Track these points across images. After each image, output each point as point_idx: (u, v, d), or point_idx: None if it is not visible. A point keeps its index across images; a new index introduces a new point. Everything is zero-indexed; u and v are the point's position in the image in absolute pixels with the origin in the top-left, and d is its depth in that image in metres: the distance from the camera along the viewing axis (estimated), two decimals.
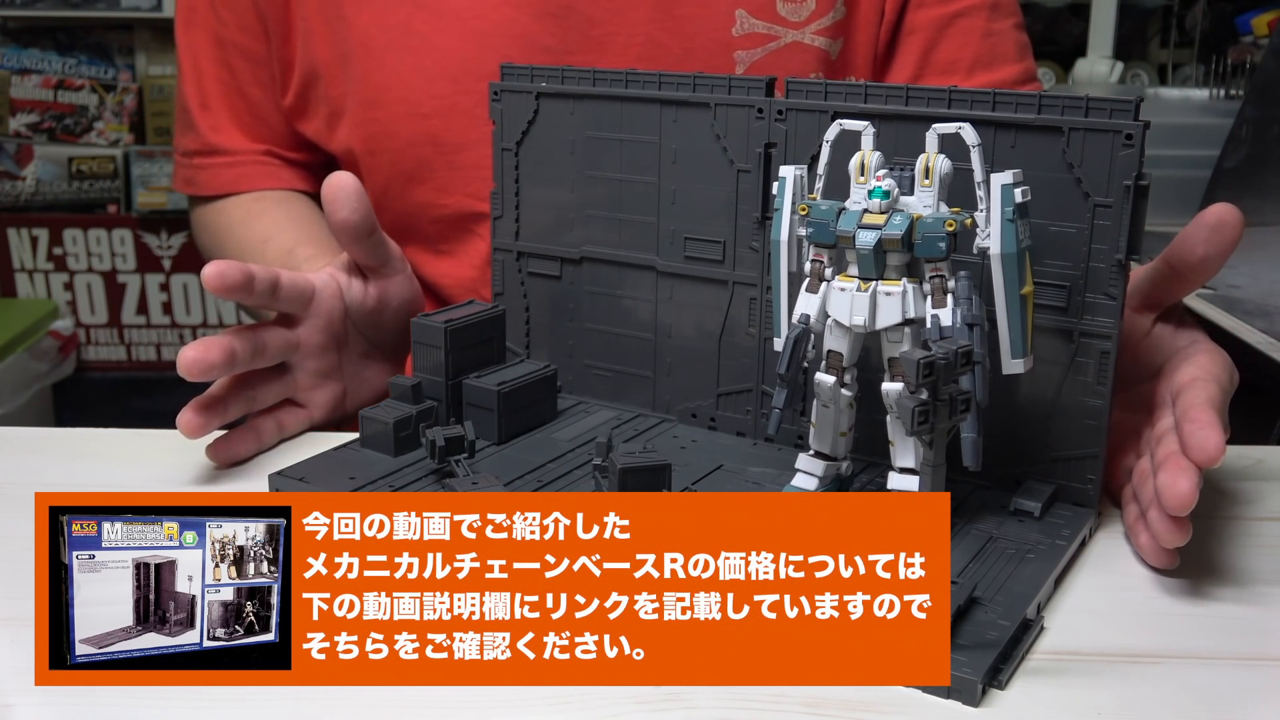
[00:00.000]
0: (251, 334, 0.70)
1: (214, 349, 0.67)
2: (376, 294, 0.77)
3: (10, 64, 2.48)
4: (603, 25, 0.89)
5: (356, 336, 0.78)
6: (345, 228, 0.72)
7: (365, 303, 0.77)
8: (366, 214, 0.72)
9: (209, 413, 0.68)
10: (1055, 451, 0.63)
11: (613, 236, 0.74)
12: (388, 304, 0.78)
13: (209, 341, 0.67)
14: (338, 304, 0.75)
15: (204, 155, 0.99)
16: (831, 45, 0.92)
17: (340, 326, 0.76)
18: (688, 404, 0.74)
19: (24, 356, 2.29)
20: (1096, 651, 0.52)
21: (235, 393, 0.70)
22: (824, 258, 0.59)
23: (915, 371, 0.52)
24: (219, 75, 0.98)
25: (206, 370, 0.66)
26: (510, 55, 0.87)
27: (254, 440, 0.72)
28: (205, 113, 0.98)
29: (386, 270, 0.77)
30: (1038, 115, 0.60)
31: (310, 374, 0.75)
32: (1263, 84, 1.53)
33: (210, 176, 0.99)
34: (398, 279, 0.78)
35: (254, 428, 0.72)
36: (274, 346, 0.71)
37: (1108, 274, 0.60)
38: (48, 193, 2.51)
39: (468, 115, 0.89)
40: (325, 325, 0.75)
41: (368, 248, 0.74)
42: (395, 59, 0.90)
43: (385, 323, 0.79)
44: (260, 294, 0.69)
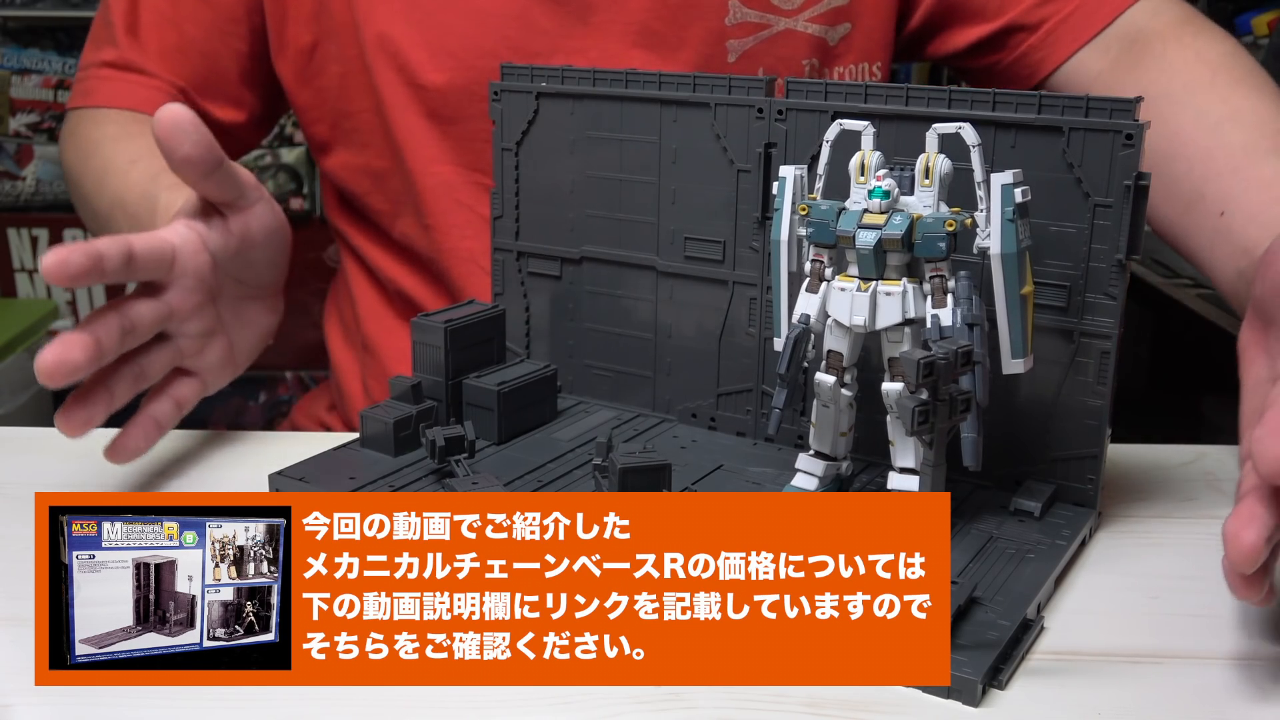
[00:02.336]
0: (115, 316, 0.63)
1: (74, 347, 0.60)
2: (239, 230, 0.70)
3: (10, 64, 2.48)
4: (601, 12, 0.89)
5: (229, 282, 0.71)
6: (189, 163, 0.64)
7: (229, 244, 0.69)
8: (209, 146, 0.64)
9: (90, 403, 0.62)
10: (1055, 451, 0.63)
11: (613, 236, 0.74)
12: (253, 238, 0.71)
13: (68, 339, 0.60)
14: (203, 257, 0.68)
15: (115, 68, 0.94)
16: (827, 32, 0.92)
17: (211, 279, 0.69)
18: (688, 404, 0.74)
19: (24, 356, 2.28)
20: (1096, 651, 0.52)
21: (117, 372, 0.64)
22: (824, 258, 0.59)
23: (915, 371, 0.52)
24: (156, 4, 0.93)
25: (72, 373, 0.60)
26: (510, 35, 0.88)
27: (154, 428, 0.67)
28: (131, 38, 0.93)
29: (243, 202, 0.69)
30: (1038, 115, 0.60)
31: (193, 337, 0.69)
32: None
33: (112, 89, 0.93)
34: (258, 207, 0.71)
35: (149, 415, 0.67)
36: (145, 322, 0.65)
37: (1108, 274, 0.60)
38: (48, 193, 2.51)
39: (465, 91, 0.89)
40: (196, 284, 0.68)
41: (218, 181, 0.67)
42: (400, 30, 0.90)
43: (256, 258, 0.72)
44: (114, 272, 0.61)
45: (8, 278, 2.51)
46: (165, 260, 0.66)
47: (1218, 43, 0.83)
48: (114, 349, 0.62)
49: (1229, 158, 0.74)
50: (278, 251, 0.74)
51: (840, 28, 0.92)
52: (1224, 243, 0.72)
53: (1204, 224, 0.74)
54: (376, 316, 1.00)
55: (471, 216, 0.93)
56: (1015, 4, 0.92)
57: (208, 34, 0.94)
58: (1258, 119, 0.76)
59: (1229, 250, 0.71)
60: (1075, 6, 0.90)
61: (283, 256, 0.75)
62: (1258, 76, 0.80)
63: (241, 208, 0.70)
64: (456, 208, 0.93)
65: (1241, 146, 0.74)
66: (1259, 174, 0.72)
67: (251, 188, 0.70)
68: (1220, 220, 0.72)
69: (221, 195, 0.68)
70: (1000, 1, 0.92)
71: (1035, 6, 0.91)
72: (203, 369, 0.71)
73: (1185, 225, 0.74)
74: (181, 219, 0.69)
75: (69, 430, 0.62)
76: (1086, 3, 0.90)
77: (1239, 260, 0.70)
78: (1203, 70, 0.79)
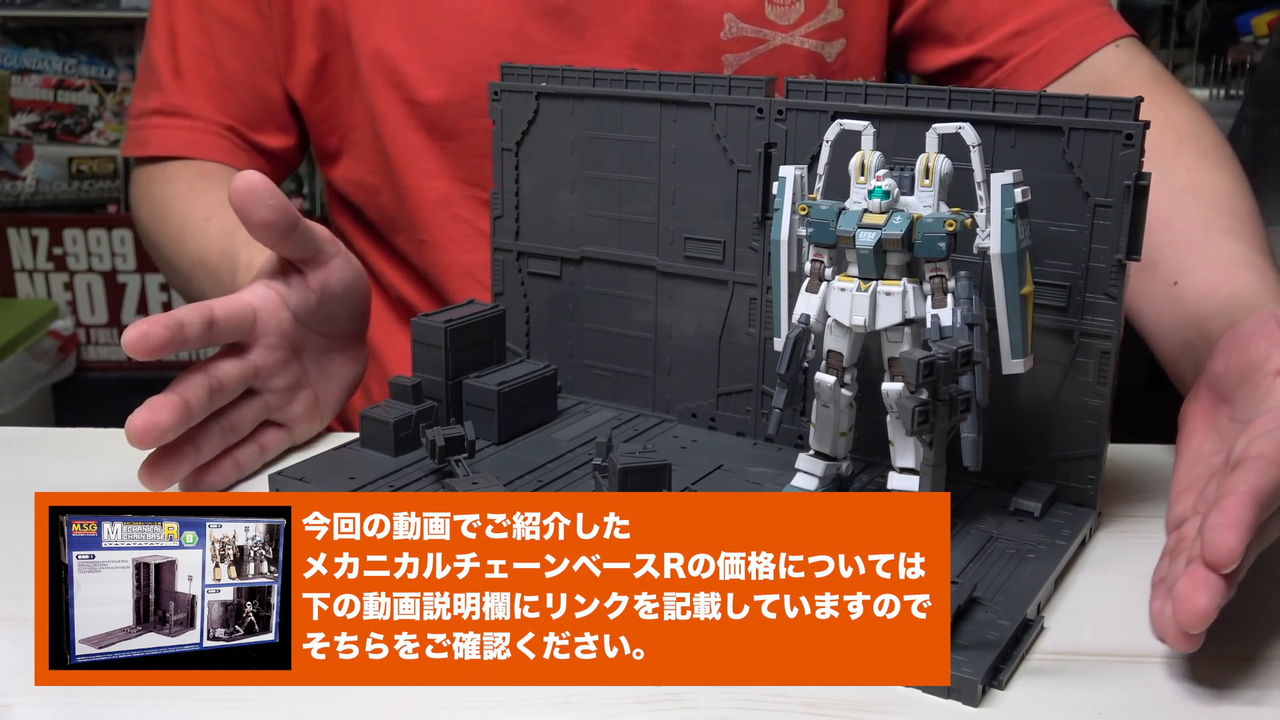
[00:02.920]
0: (203, 377, 0.65)
1: (163, 410, 0.61)
2: (319, 286, 0.72)
3: (10, 64, 2.48)
4: (596, 26, 0.89)
5: (311, 336, 0.73)
6: (266, 228, 0.66)
7: (309, 301, 0.72)
8: (284, 209, 0.66)
9: (175, 459, 0.64)
10: (1055, 451, 0.63)
11: (613, 236, 0.74)
12: (331, 292, 0.72)
13: (156, 402, 0.62)
14: (284, 314, 0.71)
15: (164, 115, 0.95)
16: (824, 47, 0.92)
17: (294, 336, 0.72)
18: (688, 404, 0.74)
19: (24, 356, 2.29)
20: (1096, 651, 0.52)
21: (205, 429, 0.66)
22: (824, 258, 0.59)
23: (915, 371, 0.52)
24: (195, 42, 0.94)
25: (160, 436, 0.61)
26: (506, 51, 0.88)
27: (233, 469, 0.68)
28: (177, 80, 0.95)
29: (321, 258, 0.71)
30: (1038, 115, 0.60)
31: (279, 392, 0.71)
32: (1263, 84, 1.52)
33: (166, 137, 0.95)
34: (335, 262, 0.72)
35: (233, 456, 0.68)
36: (232, 382, 0.67)
37: (1108, 274, 0.60)
38: (48, 193, 2.51)
39: (462, 106, 0.90)
40: (278, 341, 0.70)
41: (294, 242, 0.69)
42: (395, 46, 0.90)
43: (336, 312, 0.74)
44: (195, 339, 0.64)
45: (8, 278, 2.51)
46: (247, 322, 0.68)
47: (1185, 108, 0.83)
48: (202, 409, 0.64)
49: (1187, 230, 0.74)
50: (357, 303, 0.75)
51: (836, 43, 0.92)
52: (1173, 312, 0.72)
53: (1154, 290, 0.74)
54: (377, 319, 1.00)
55: (469, 230, 0.93)
56: (985, 35, 0.91)
57: (248, 63, 0.95)
58: (1218, 195, 0.76)
59: (1178, 320, 0.72)
60: (1042, 46, 0.89)
61: (362, 307, 0.76)
62: (1222, 150, 0.80)
63: (319, 263, 0.71)
64: (453, 222, 0.93)
65: (1200, 221, 0.74)
66: (1215, 250, 0.72)
67: (328, 242, 0.72)
68: (1173, 290, 0.72)
69: (298, 254, 0.70)
70: (971, 30, 0.92)
71: (1003, 41, 0.90)
72: (290, 420, 0.73)
73: (1135, 287, 0.74)
74: (262, 279, 0.72)
75: (151, 484, 0.64)
76: (1053, 44, 0.89)
77: (1188, 331, 0.70)
78: (1169, 136, 0.79)
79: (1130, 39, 0.89)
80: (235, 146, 0.96)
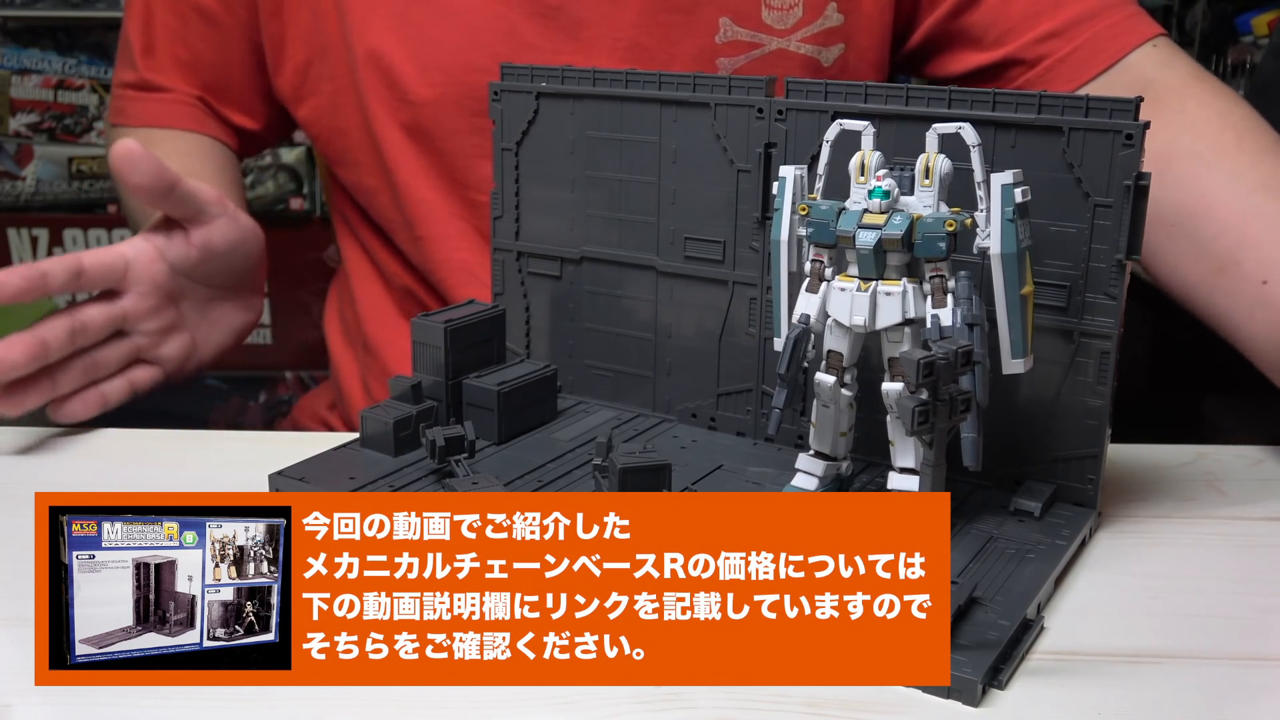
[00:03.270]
0: (66, 320, 0.72)
1: (16, 348, 0.69)
2: (200, 242, 0.80)
3: (10, 64, 2.48)
4: (590, 28, 0.89)
5: (193, 286, 0.82)
6: (141, 190, 0.74)
7: (190, 255, 0.79)
8: (157, 174, 0.74)
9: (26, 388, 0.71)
10: (1055, 451, 0.63)
11: (613, 236, 0.74)
12: (214, 249, 0.80)
13: (11, 340, 0.68)
14: (158, 265, 0.78)
15: (137, 89, 1.01)
16: (821, 52, 0.91)
17: (170, 285, 0.79)
18: (688, 404, 0.74)
19: None
20: (1096, 651, 0.52)
21: (65, 365, 0.73)
22: (824, 258, 0.59)
23: (915, 371, 0.52)
24: (167, 21, 0.99)
25: (10, 371, 0.68)
26: (500, 51, 0.88)
27: (97, 400, 0.75)
28: (147, 57, 1.00)
29: (203, 218, 0.79)
30: (1038, 115, 0.60)
31: (150, 335, 0.79)
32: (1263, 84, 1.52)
33: (141, 109, 1.01)
34: (219, 222, 0.80)
35: (98, 389, 0.75)
36: (95, 324, 0.74)
37: (1108, 274, 0.60)
38: (48, 193, 2.51)
39: (454, 106, 0.90)
40: (150, 290, 0.78)
41: (174, 203, 0.77)
42: (391, 46, 0.90)
43: (220, 266, 0.82)
44: (60, 286, 0.71)
45: None
46: (115, 272, 0.76)
47: (1237, 105, 0.82)
48: (61, 348, 0.72)
49: (1267, 227, 0.74)
50: (243, 259, 0.83)
51: (834, 49, 0.91)
52: (1266, 311, 0.72)
53: (1243, 289, 0.73)
54: (378, 316, 1.00)
55: (465, 229, 0.93)
56: (1015, 37, 0.90)
57: (215, 50, 0.99)
58: None
59: (1273, 320, 0.72)
60: (1075, 47, 0.88)
61: (249, 262, 0.85)
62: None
63: (202, 222, 0.80)
64: (449, 220, 0.93)
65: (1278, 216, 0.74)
66: None
67: (213, 204, 0.80)
68: (1263, 289, 0.72)
69: (179, 213, 0.79)
70: (1000, 33, 0.91)
71: (1035, 43, 0.90)
72: (161, 359, 0.80)
73: (1219, 287, 0.74)
74: (144, 234, 0.80)
75: (3, 410, 0.71)
76: (1087, 44, 0.88)
77: None
78: (1228, 134, 0.79)
79: (1165, 38, 0.89)
80: (205, 114, 1.01)
